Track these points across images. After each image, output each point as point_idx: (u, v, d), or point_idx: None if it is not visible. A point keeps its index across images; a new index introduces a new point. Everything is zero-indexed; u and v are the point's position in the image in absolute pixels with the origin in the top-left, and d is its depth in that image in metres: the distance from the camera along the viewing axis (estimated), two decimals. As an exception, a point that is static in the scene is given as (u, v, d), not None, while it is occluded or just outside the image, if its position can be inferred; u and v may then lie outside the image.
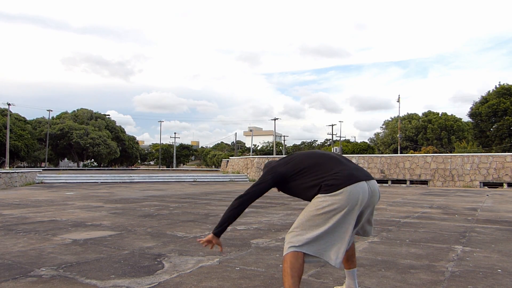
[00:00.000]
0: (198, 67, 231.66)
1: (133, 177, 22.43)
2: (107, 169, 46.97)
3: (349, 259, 2.60)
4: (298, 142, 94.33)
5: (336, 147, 48.13)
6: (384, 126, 61.74)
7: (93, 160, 63.59)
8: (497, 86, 42.94)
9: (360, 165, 22.48)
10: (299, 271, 2.18)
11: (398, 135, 45.75)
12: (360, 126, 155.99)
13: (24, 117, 54.30)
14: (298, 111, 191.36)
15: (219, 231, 2.36)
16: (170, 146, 77.35)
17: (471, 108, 43.77)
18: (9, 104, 44.75)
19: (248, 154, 66.32)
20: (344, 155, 26.86)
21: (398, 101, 42.68)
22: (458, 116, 56.39)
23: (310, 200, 2.32)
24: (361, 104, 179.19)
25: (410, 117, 57.87)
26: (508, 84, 42.10)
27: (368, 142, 64.67)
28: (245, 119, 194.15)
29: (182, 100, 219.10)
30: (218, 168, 56.32)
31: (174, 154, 72.86)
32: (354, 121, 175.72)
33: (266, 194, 2.56)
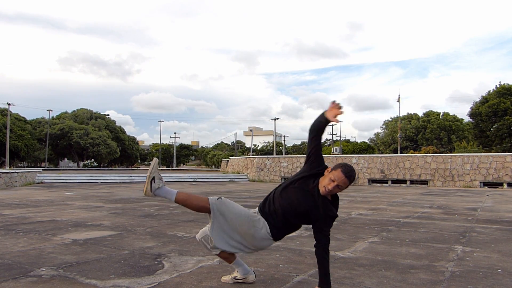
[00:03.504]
0: (196, 67, 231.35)
1: (133, 177, 22.43)
2: (107, 169, 46.97)
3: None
4: (298, 142, 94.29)
5: (336, 147, 48.13)
6: (384, 126, 61.76)
7: (93, 160, 63.60)
8: (497, 86, 42.96)
9: (360, 165, 22.51)
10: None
11: (398, 135, 45.76)
12: (358, 126, 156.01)
13: (24, 117, 54.29)
14: (297, 111, 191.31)
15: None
16: (170, 146, 77.35)
17: (471, 108, 43.79)
18: (9, 104, 44.80)
19: (248, 154, 66.30)
20: (344, 155, 26.83)
21: (398, 101, 42.73)
22: (458, 116, 56.43)
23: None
24: (360, 104, 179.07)
25: (410, 117, 57.89)
26: (508, 84, 42.11)
27: (368, 142, 64.66)
28: (244, 119, 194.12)
29: (180, 100, 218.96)
30: (218, 168, 56.31)
31: (174, 154, 72.85)
32: (352, 121, 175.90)
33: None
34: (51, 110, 60.75)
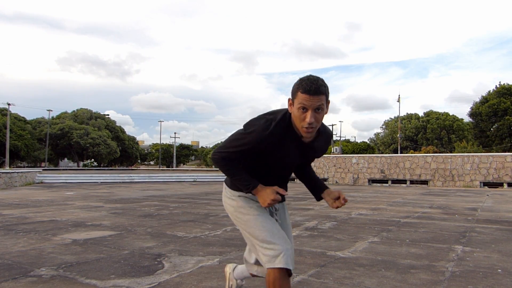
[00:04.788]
0: (195, 67, 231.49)
1: (133, 177, 22.43)
2: (107, 169, 46.94)
3: None
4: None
5: (336, 147, 48.11)
6: (384, 126, 61.79)
7: (93, 160, 63.60)
8: (497, 86, 42.97)
9: (360, 165, 22.51)
10: None
11: (398, 135, 45.76)
12: (358, 126, 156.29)
13: (24, 117, 54.35)
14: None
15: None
16: (170, 146, 77.32)
17: (471, 108, 43.81)
18: (9, 104, 44.80)
19: (248, 154, 66.10)
20: (344, 155, 26.78)
21: (398, 101, 42.71)
22: (458, 116, 56.47)
23: None
24: (359, 104, 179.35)
25: (410, 117, 57.90)
26: (508, 84, 42.13)
27: (368, 142, 64.65)
28: (243, 119, 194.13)
29: (180, 100, 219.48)
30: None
31: (174, 154, 72.83)
32: (352, 121, 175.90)
33: None
34: (51, 110, 60.87)
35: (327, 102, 1.80)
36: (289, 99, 1.81)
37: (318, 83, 1.71)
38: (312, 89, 1.69)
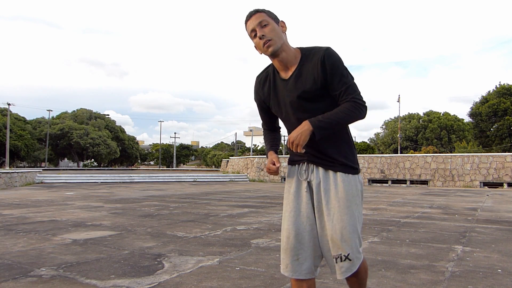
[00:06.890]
0: (194, 67, 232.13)
1: (133, 177, 22.43)
2: (107, 169, 46.94)
3: None
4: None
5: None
6: (384, 126, 61.78)
7: (93, 160, 63.61)
8: (497, 86, 42.99)
9: (360, 165, 22.49)
10: None
11: (398, 135, 45.76)
12: (357, 126, 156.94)
13: (24, 117, 54.40)
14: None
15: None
16: (170, 146, 77.34)
17: (471, 108, 43.82)
18: (9, 104, 44.78)
19: (248, 154, 66.29)
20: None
21: (398, 101, 42.67)
22: (459, 116, 56.50)
23: None
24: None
25: (411, 117, 57.92)
26: (508, 84, 42.13)
27: (368, 142, 64.63)
28: (243, 119, 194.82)
29: (179, 100, 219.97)
30: (218, 168, 56.28)
31: (174, 154, 72.85)
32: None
33: (266, 194, 2.55)
34: (51, 110, 61.14)
35: (275, 19, 1.84)
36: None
37: (254, 9, 1.83)
38: (249, 15, 1.82)
